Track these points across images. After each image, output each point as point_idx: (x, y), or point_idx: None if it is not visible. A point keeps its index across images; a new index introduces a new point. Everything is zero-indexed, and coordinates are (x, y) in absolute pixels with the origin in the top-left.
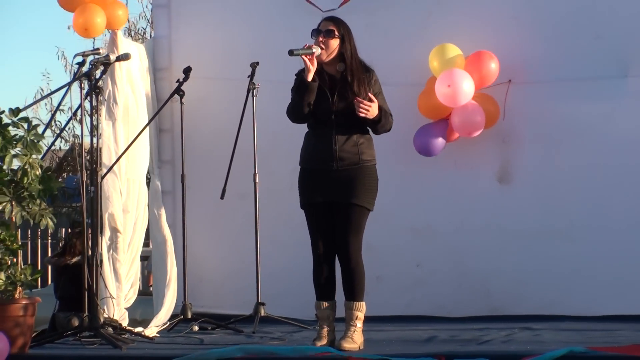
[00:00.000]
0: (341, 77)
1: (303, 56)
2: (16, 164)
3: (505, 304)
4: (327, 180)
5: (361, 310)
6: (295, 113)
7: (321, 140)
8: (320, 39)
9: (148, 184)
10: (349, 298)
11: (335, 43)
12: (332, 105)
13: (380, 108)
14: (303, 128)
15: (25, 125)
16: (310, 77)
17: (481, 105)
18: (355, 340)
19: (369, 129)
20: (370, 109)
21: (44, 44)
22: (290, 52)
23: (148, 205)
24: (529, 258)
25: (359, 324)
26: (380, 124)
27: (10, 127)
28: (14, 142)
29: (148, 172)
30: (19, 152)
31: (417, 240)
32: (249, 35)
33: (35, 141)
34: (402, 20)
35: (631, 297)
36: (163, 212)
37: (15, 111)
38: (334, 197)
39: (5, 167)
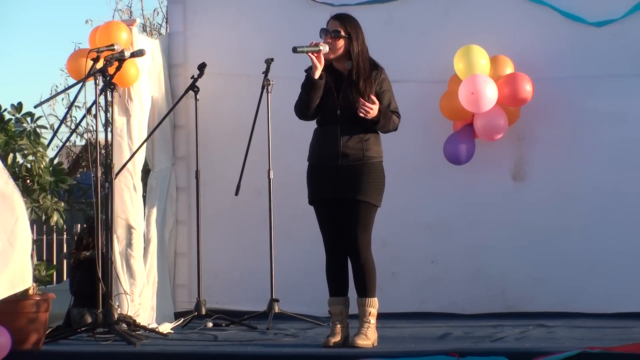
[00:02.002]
0: (348, 75)
1: (309, 54)
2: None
3: (520, 301)
4: (333, 176)
5: (374, 307)
6: (302, 110)
7: (327, 137)
8: (328, 39)
9: (145, 180)
10: (361, 295)
11: (341, 42)
12: (337, 101)
13: (379, 110)
14: (315, 124)
15: (29, 119)
16: (317, 75)
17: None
18: (369, 336)
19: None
20: (371, 111)
21: (61, 39)
22: (294, 50)
23: (144, 203)
24: (544, 255)
25: (372, 320)
26: (379, 125)
27: (13, 123)
28: (17, 138)
29: (145, 167)
30: (24, 147)
31: (432, 237)
32: (264, 32)
33: (38, 131)
34: (420, 17)
35: None
36: (155, 210)
37: (17, 107)
38: (340, 194)
39: (10, 162)
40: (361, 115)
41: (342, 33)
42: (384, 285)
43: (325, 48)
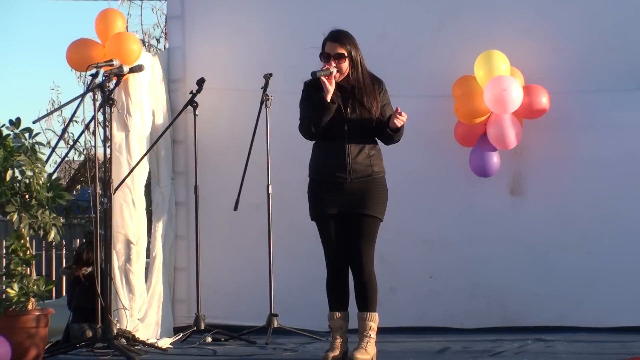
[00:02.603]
0: (352, 89)
1: (323, 77)
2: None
3: (519, 315)
4: (340, 192)
5: (374, 321)
6: (311, 131)
7: (333, 152)
8: (333, 63)
9: (147, 194)
10: (362, 309)
11: (346, 63)
12: (345, 116)
13: None
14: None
15: (27, 135)
16: (329, 98)
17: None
18: (368, 351)
19: (378, 140)
20: (404, 119)
21: (58, 56)
22: (314, 74)
23: (151, 218)
24: (542, 269)
25: (372, 334)
26: (399, 133)
27: (12, 139)
28: (16, 153)
29: (148, 181)
30: (22, 163)
31: (430, 252)
32: (262, 47)
33: (36, 148)
34: (413, 32)
35: None
36: (160, 225)
37: (16, 123)
38: (346, 209)
39: (8, 178)
40: (398, 124)
41: (345, 54)
42: (383, 300)
43: (335, 71)
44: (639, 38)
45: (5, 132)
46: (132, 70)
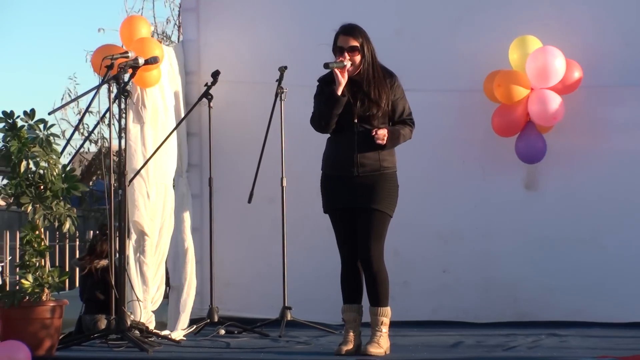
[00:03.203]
0: (362, 83)
1: (336, 69)
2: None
3: (532, 309)
4: (348, 186)
5: (386, 316)
6: (322, 124)
7: (343, 146)
8: (347, 56)
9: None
10: (373, 304)
11: (359, 57)
12: (354, 110)
13: (389, 133)
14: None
15: (42, 126)
16: (340, 91)
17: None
18: (381, 344)
19: None
20: (385, 138)
21: (73, 47)
22: (326, 65)
23: (175, 210)
24: (556, 264)
25: (385, 329)
26: (387, 147)
27: (26, 130)
28: (30, 144)
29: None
30: (36, 154)
31: (444, 246)
32: (276, 39)
33: (51, 139)
34: (430, 26)
35: None
36: (187, 217)
37: (30, 114)
38: (355, 203)
39: (23, 169)
40: (379, 143)
41: (358, 46)
42: (396, 294)
43: (348, 64)
44: None
45: (20, 123)
46: (147, 62)
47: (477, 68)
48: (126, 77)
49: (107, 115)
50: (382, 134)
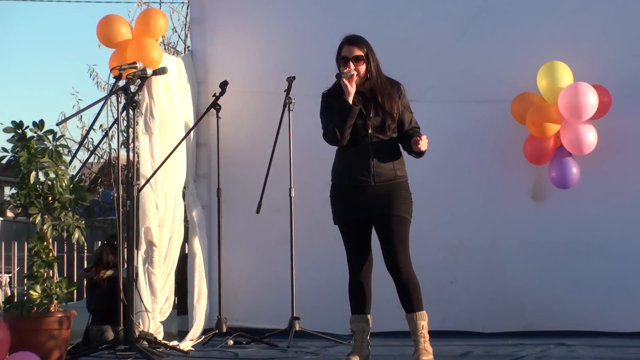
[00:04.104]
0: (372, 94)
1: (344, 80)
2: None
3: (540, 319)
4: (364, 196)
5: (424, 319)
6: (336, 136)
7: (357, 157)
8: (352, 66)
9: (184, 197)
10: (408, 310)
11: (363, 67)
12: (368, 121)
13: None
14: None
15: (51, 137)
16: (351, 100)
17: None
18: (429, 350)
19: (400, 146)
20: (426, 146)
21: (75, 61)
22: (338, 76)
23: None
24: (564, 274)
25: (426, 333)
26: (423, 154)
27: (35, 141)
28: (39, 155)
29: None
30: (45, 165)
31: (451, 257)
32: (283, 50)
33: (60, 151)
34: (435, 37)
35: None
36: (197, 226)
37: (39, 125)
38: (371, 212)
39: (32, 180)
40: (421, 149)
41: (363, 55)
42: None
43: (355, 73)
44: None
45: (29, 134)
46: (155, 73)
47: (482, 79)
48: (134, 87)
49: (113, 128)
50: (426, 139)
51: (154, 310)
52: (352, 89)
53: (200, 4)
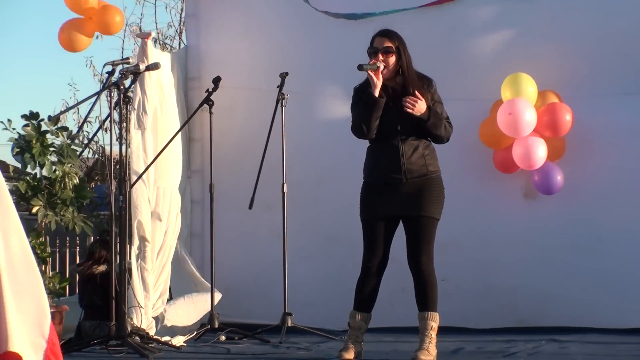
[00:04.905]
0: (402, 89)
1: (369, 71)
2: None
3: (532, 315)
4: (395, 193)
5: (435, 321)
6: (363, 130)
7: (387, 153)
8: (381, 57)
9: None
10: (422, 309)
11: (394, 58)
12: (397, 116)
13: (428, 107)
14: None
15: (65, 134)
16: (377, 93)
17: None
18: (430, 352)
19: (430, 139)
20: (416, 105)
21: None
22: (360, 67)
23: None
24: (556, 271)
25: (434, 334)
26: (430, 122)
27: (47, 135)
28: (51, 150)
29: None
30: (55, 160)
31: (443, 255)
32: (277, 46)
33: (74, 148)
34: (426, 35)
35: None
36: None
37: (54, 119)
38: (402, 211)
39: (41, 174)
40: (408, 110)
41: (393, 48)
42: (396, 300)
43: (382, 66)
44: None
45: (44, 127)
46: (148, 69)
47: (470, 76)
48: (127, 82)
49: (107, 121)
50: (420, 98)
51: (146, 305)
52: (377, 81)
53: (195, 0)
